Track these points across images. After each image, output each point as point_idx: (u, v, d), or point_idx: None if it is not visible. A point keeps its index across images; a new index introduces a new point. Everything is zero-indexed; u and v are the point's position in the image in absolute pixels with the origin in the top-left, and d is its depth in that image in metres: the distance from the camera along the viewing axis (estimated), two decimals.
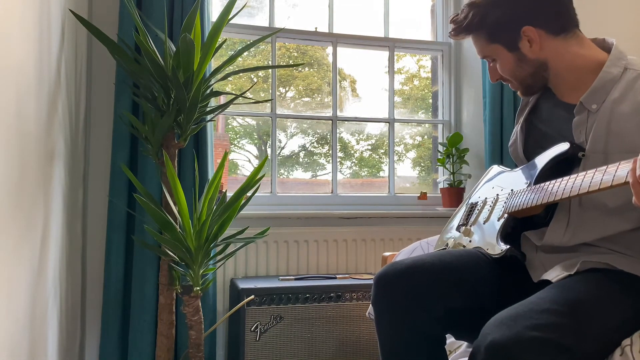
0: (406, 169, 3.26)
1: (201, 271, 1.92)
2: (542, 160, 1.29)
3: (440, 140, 3.02)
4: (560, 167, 1.23)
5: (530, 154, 1.38)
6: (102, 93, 2.30)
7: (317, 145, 3.09)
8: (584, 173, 1.06)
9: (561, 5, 1.30)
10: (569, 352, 0.98)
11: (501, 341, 0.98)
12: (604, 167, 1.00)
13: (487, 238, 1.33)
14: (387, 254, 2.07)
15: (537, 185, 1.22)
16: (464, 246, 1.42)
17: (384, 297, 1.26)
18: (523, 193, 1.26)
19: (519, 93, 1.41)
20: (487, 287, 1.27)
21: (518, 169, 1.40)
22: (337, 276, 2.44)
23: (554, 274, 1.17)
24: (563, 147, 1.23)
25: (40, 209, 1.57)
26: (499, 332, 1.00)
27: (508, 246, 1.25)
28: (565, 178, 1.11)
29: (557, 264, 1.20)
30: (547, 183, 1.18)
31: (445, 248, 1.49)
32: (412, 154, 3.25)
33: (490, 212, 1.38)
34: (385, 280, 1.26)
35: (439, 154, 2.87)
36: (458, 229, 1.50)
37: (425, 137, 3.22)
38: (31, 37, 1.45)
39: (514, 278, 1.29)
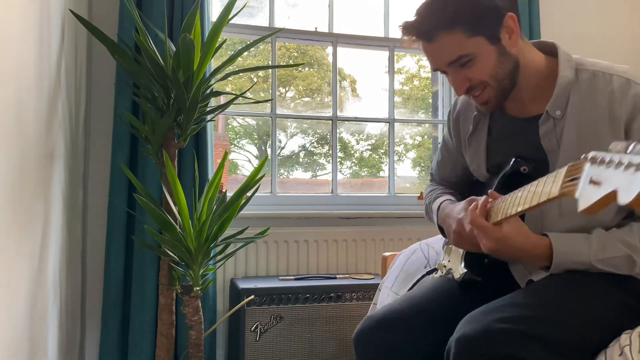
0: (406, 169, 3.27)
1: (201, 271, 1.92)
2: (494, 179, 1.27)
3: (440, 140, 3.02)
4: (511, 183, 1.17)
5: (493, 174, 1.35)
6: (102, 93, 2.30)
7: (317, 145, 3.09)
8: (522, 188, 1.02)
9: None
10: (539, 341, 0.98)
11: (470, 334, 1.00)
12: (543, 179, 0.95)
13: (455, 259, 1.35)
14: (387, 254, 2.06)
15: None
16: (444, 266, 1.43)
17: (363, 355, 1.31)
18: None
19: (484, 107, 1.26)
20: (458, 315, 1.27)
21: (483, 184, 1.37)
22: (337, 276, 2.44)
23: (539, 276, 1.17)
24: (508, 164, 1.22)
25: (40, 209, 1.57)
26: (469, 327, 1.02)
27: (465, 270, 1.28)
28: (509, 195, 1.08)
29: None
30: (499, 200, 1.13)
31: (437, 269, 1.50)
32: (412, 154, 3.25)
33: None
34: (360, 339, 1.31)
35: None
36: (443, 246, 1.50)
37: (425, 137, 3.22)
38: (31, 37, 1.45)
39: (480, 300, 1.26)
